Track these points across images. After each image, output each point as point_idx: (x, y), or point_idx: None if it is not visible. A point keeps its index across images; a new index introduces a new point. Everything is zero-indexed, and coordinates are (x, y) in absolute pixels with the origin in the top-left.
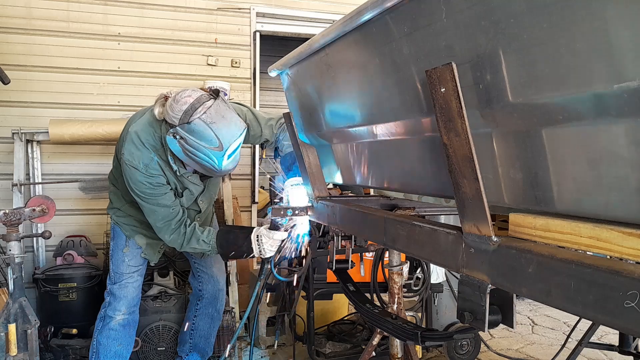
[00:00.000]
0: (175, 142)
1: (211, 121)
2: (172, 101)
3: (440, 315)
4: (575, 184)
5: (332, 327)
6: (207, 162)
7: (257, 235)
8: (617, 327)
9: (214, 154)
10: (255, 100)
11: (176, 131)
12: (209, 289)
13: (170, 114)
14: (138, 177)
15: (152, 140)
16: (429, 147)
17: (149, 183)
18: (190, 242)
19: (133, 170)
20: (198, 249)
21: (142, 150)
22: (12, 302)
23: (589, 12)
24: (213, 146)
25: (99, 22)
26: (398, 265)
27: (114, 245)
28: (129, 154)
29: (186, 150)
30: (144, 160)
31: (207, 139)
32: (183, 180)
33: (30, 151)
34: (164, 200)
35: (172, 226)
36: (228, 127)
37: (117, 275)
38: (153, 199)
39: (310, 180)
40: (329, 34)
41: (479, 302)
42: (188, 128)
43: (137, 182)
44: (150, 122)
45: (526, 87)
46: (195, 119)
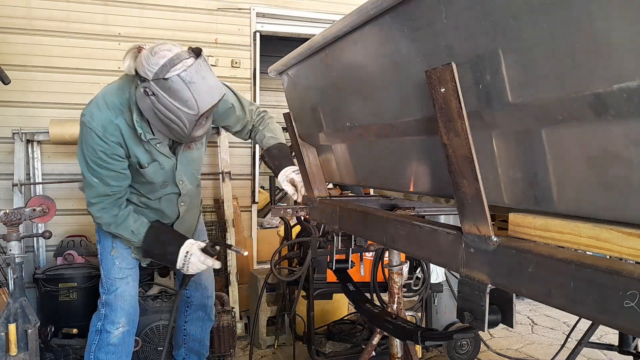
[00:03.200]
0: (146, 98)
1: (190, 80)
2: (148, 53)
3: (440, 315)
4: (575, 184)
5: (332, 327)
6: (177, 124)
7: (187, 252)
8: (616, 327)
9: (187, 117)
10: (255, 100)
11: (149, 86)
12: (197, 296)
13: (144, 66)
14: (92, 141)
15: (118, 102)
16: (429, 147)
17: (103, 152)
18: (119, 227)
19: (89, 132)
20: (125, 237)
21: (104, 111)
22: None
23: (589, 12)
24: (187, 108)
25: (99, 23)
26: (398, 265)
27: (101, 249)
28: (89, 115)
29: (156, 109)
30: (103, 122)
31: (182, 99)
32: (150, 149)
33: (30, 151)
34: (109, 179)
35: (104, 204)
36: (208, 89)
37: (110, 282)
38: (98, 172)
39: (310, 180)
40: (329, 34)
41: (478, 302)
42: (163, 84)
43: (89, 147)
44: (119, 86)
45: (526, 87)
46: (173, 75)
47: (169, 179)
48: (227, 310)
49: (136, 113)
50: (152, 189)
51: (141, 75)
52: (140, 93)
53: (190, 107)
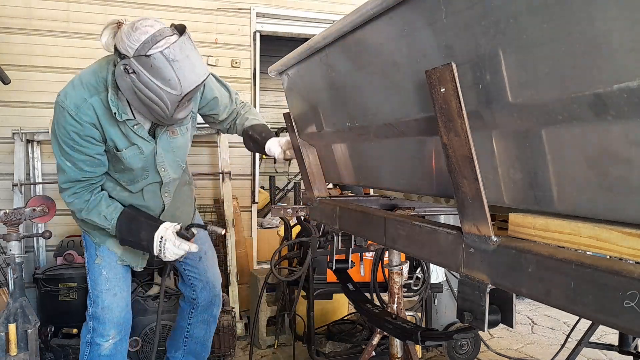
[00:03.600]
0: (126, 76)
1: (173, 58)
2: (129, 28)
3: (440, 315)
4: (575, 184)
5: (332, 327)
6: (158, 105)
7: (162, 237)
8: (616, 327)
9: (169, 97)
10: (255, 100)
11: (129, 63)
12: (204, 296)
13: (125, 42)
14: (64, 121)
15: (94, 81)
16: (429, 147)
17: (75, 132)
18: (90, 213)
19: (61, 111)
20: (98, 223)
21: (78, 90)
22: (13, 302)
23: (589, 12)
24: (169, 88)
25: (99, 23)
26: (398, 265)
27: (87, 257)
28: (63, 95)
29: (136, 88)
30: (76, 100)
31: (164, 77)
32: (127, 131)
33: (30, 151)
34: (82, 163)
35: (75, 189)
36: (192, 69)
37: (96, 294)
38: (70, 155)
39: (310, 180)
40: (329, 34)
41: (478, 301)
42: (144, 62)
43: (61, 127)
44: (97, 66)
45: (526, 87)
46: (156, 52)
47: (149, 165)
48: (227, 310)
49: (112, 92)
50: (133, 179)
51: (121, 52)
52: (120, 70)
53: (172, 86)
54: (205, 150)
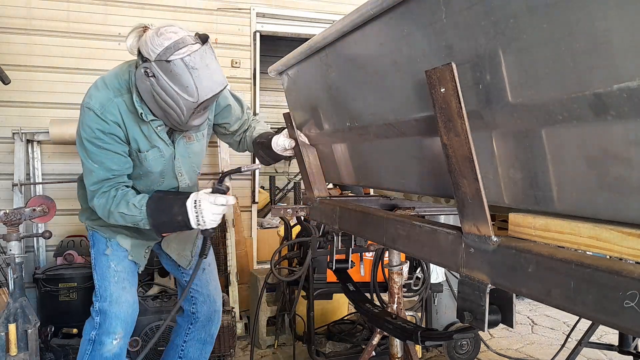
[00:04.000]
0: (146, 79)
1: (193, 66)
2: (153, 33)
3: (440, 315)
4: (575, 184)
5: (332, 327)
6: (174, 110)
7: (195, 201)
8: (616, 327)
9: (185, 104)
10: (255, 100)
11: (150, 66)
12: (204, 311)
13: (148, 46)
14: (90, 121)
15: (117, 83)
16: (429, 147)
17: (101, 131)
18: (119, 205)
19: (87, 112)
20: (127, 215)
21: (102, 91)
22: (13, 301)
23: (589, 12)
24: (187, 94)
25: (99, 23)
26: (398, 265)
27: (94, 253)
28: (87, 97)
29: (154, 91)
30: (101, 100)
31: (182, 84)
32: (150, 133)
33: (30, 151)
34: (109, 162)
35: (103, 188)
36: (210, 78)
37: (104, 288)
38: (97, 155)
39: (310, 180)
40: (329, 35)
41: (478, 302)
42: (165, 67)
43: (86, 128)
44: (119, 69)
45: (526, 87)
46: (177, 59)
47: (167, 169)
48: (227, 310)
49: (136, 94)
50: (150, 184)
51: (143, 56)
52: (141, 73)
53: (190, 93)
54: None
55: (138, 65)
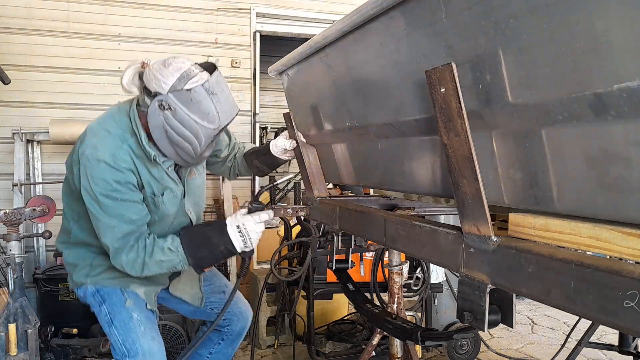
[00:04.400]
0: (160, 114)
1: (213, 91)
2: (160, 65)
3: (440, 315)
4: (575, 184)
5: (332, 327)
6: (190, 142)
7: (238, 225)
8: (616, 327)
9: (204, 132)
10: (255, 100)
11: (165, 99)
12: (237, 328)
13: (158, 79)
14: (103, 173)
15: (120, 129)
16: (429, 147)
17: (116, 181)
18: (153, 254)
19: (96, 164)
20: (165, 261)
21: (108, 140)
22: (13, 302)
23: (589, 12)
24: (207, 122)
25: (99, 23)
26: (398, 265)
27: (109, 308)
28: (91, 148)
29: (168, 126)
30: (110, 149)
31: (203, 111)
32: (161, 175)
33: (30, 151)
34: (129, 212)
35: (130, 242)
36: (227, 102)
37: (131, 342)
38: (115, 208)
39: (310, 180)
40: (329, 34)
41: (478, 302)
42: (183, 96)
43: (99, 181)
44: (114, 114)
45: (526, 87)
46: (197, 86)
47: (179, 209)
48: None
49: (144, 135)
50: (165, 226)
51: (151, 91)
52: (154, 108)
53: (210, 120)
54: None
55: (142, 103)
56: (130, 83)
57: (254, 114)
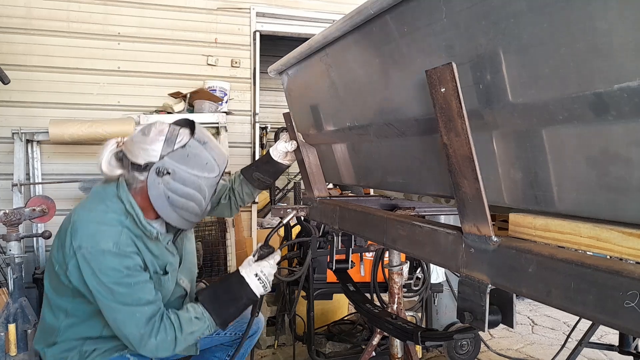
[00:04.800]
0: (159, 181)
1: (204, 141)
2: (140, 137)
3: (440, 315)
4: (575, 184)
5: (332, 327)
6: (195, 201)
7: (256, 274)
8: (617, 327)
9: (207, 183)
10: (255, 100)
11: (162, 165)
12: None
13: (146, 149)
14: (111, 263)
15: (112, 213)
16: (429, 147)
17: (126, 267)
18: (183, 328)
19: (101, 256)
20: (196, 331)
21: (105, 229)
22: (12, 302)
23: (589, 12)
24: (207, 172)
25: (99, 22)
26: (398, 265)
27: None
28: (89, 240)
29: (169, 190)
30: (112, 236)
31: (202, 163)
32: (161, 251)
33: (30, 151)
34: (146, 294)
35: (156, 324)
36: (217, 146)
37: None
38: (132, 294)
39: (310, 180)
40: (329, 34)
41: (478, 302)
42: (179, 154)
43: (109, 272)
44: (100, 200)
45: (526, 87)
46: (189, 140)
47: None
48: None
49: (141, 214)
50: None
51: (142, 164)
52: (153, 177)
53: (210, 169)
54: None
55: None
56: (111, 167)
57: (253, 113)
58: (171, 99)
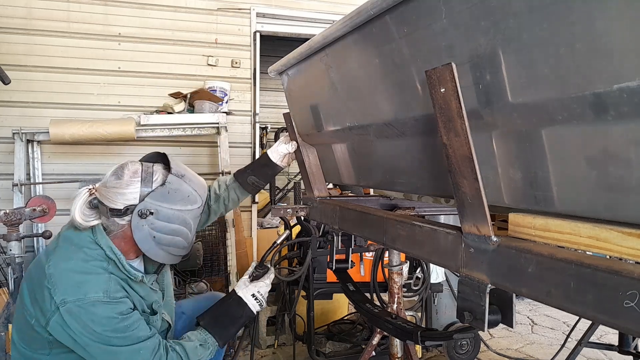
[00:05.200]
0: (143, 223)
1: (182, 174)
2: (113, 181)
3: (440, 315)
4: (575, 184)
5: (332, 326)
6: (181, 235)
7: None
8: (616, 327)
9: (192, 215)
10: (255, 100)
11: (144, 206)
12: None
13: (123, 193)
14: (104, 312)
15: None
16: (429, 147)
17: (120, 313)
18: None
19: (91, 307)
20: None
21: (89, 276)
22: (13, 301)
23: (589, 12)
24: (190, 204)
25: (99, 22)
26: (398, 265)
27: None
28: (74, 292)
29: (154, 231)
30: (100, 285)
31: (184, 196)
32: (146, 292)
33: (30, 151)
34: (144, 331)
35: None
36: (195, 176)
37: None
38: (130, 336)
39: (310, 180)
40: (329, 34)
41: (478, 301)
42: (160, 193)
43: (103, 320)
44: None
45: (526, 87)
46: (167, 176)
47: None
48: None
49: (123, 258)
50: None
51: (121, 209)
52: (137, 220)
53: (192, 200)
54: (205, 150)
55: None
56: (85, 216)
57: (254, 114)
58: (171, 99)
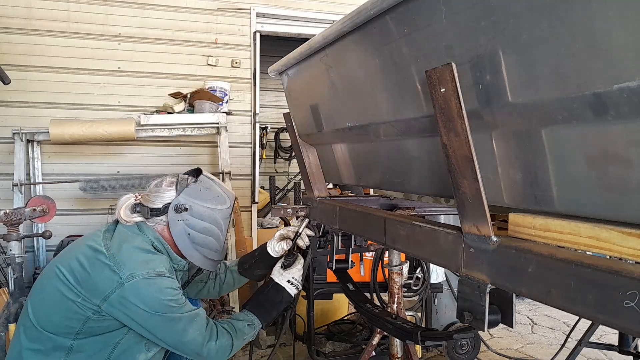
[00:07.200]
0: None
1: (211, 177)
2: (154, 188)
3: (440, 315)
4: (575, 184)
5: (332, 326)
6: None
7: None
8: (616, 327)
9: (222, 215)
10: (255, 100)
11: (179, 201)
12: None
13: (162, 195)
14: (167, 284)
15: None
16: (429, 147)
17: (179, 288)
18: (238, 335)
19: (159, 278)
20: (246, 338)
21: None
22: (13, 301)
23: (589, 12)
24: (220, 204)
25: (99, 23)
26: (398, 265)
27: None
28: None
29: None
30: (162, 263)
31: (214, 196)
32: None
33: (30, 151)
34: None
35: (214, 330)
36: (224, 185)
37: None
38: (187, 305)
39: (310, 180)
40: (329, 35)
41: (478, 301)
42: (194, 189)
43: (167, 290)
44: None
45: (526, 87)
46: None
47: None
48: (227, 310)
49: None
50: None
51: (160, 207)
52: (173, 215)
53: (222, 201)
54: (205, 150)
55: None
56: (127, 216)
57: (254, 114)
58: (171, 99)
